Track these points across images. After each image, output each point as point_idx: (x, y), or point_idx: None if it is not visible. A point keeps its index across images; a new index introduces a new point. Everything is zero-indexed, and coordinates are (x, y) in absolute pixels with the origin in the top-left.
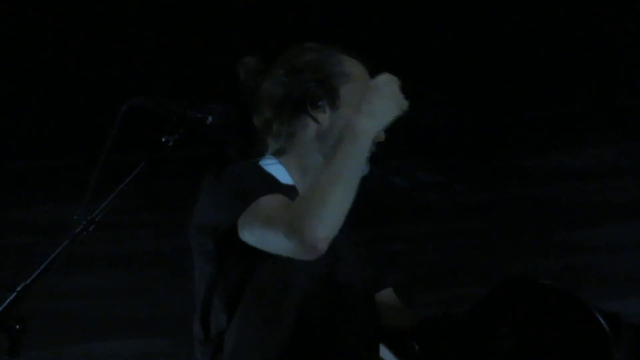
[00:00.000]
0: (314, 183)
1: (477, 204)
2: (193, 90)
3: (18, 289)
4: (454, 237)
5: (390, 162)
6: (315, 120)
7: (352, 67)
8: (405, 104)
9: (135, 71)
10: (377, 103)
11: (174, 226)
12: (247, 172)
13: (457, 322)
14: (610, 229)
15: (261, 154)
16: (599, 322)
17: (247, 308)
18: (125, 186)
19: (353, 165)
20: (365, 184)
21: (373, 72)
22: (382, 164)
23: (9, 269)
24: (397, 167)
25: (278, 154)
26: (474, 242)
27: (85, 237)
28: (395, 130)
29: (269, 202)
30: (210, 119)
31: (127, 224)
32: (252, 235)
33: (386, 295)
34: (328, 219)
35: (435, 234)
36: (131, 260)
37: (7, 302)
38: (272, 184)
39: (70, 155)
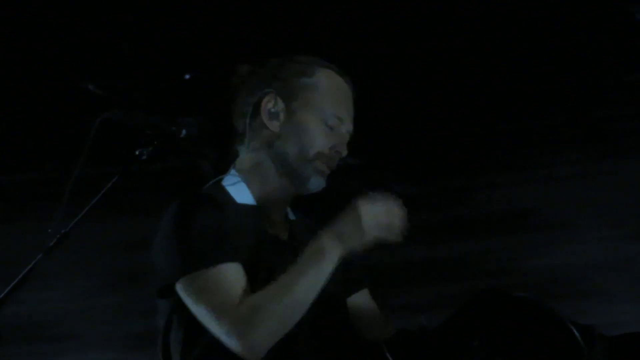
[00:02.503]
0: (266, 293)
1: (453, 215)
2: (168, 104)
3: None
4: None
5: (365, 174)
6: (267, 126)
7: (324, 78)
8: (393, 235)
9: (110, 85)
10: (353, 232)
11: (149, 238)
12: (201, 219)
13: (431, 334)
14: (583, 235)
15: (231, 164)
16: (573, 334)
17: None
18: (99, 199)
19: (310, 284)
20: (340, 194)
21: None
22: (357, 176)
23: None
24: (372, 179)
25: (242, 164)
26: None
27: (59, 251)
28: (367, 140)
29: (216, 279)
30: (184, 132)
31: (100, 236)
32: (190, 304)
33: (361, 298)
34: (271, 332)
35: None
36: (104, 273)
37: None
38: (219, 222)
39: (44, 168)
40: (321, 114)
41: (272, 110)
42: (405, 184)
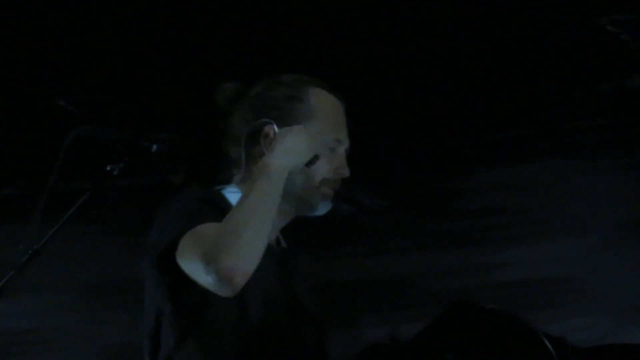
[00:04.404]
0: (228, 217)
1: (421, 226)
2: (140, 119)
3: None
4: (399, 258)
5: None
6: (252, 153)
7: (318, 101)
8: (322, 148)
9: (81, 100)
10: (290, 142)
11: (121, 253)
12: (199, 197)
13: (404, 347)
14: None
15: (226, 183)
16: (546, 347)
17: (196, 335)
18: (71, 215)
19: (266, 200)
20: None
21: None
22: None
23: None
24: (341, 193)
25: (241, 183)
26: (419, 264)
27: (34, 266)
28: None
29: (204, 229)
30: (154, 147)
31: (73, 252)
32: (184, 264)
33: None
34: (243, 252)
35: (378, 256)
36: (76, 288)
37: None
38: (219, 212)
39: (15, 184)
40: (321, 139)
41: (272, 141)
42: (376, 197)
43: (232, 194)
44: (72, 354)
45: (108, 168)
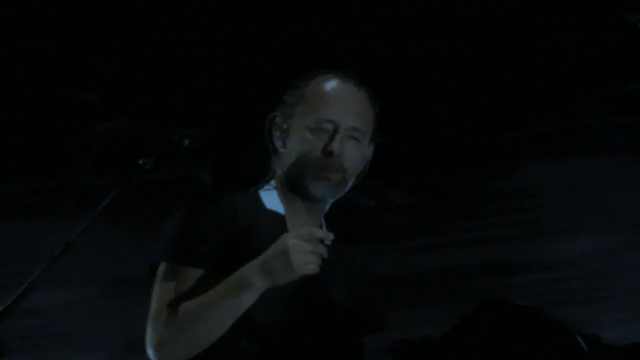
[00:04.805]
0: (187, 309)
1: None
2: (164, 113)
3: None
4: (424, 255)
5: (360, 184)
6: (275, 147)
7: (313, 86)
8: (310, 269)
9: (107, 94)
10: (280, 266)
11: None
12: (200, 216)
13: (435, 344)
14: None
15: (270, 179)
16: (579, 344)
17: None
18: (103, 209)
19: (227, 311)
20: (334, 206)
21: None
22: (352, 186)
23: None
24: (367, 189)
25: (278, 178)
26: (444, 261)
27: (64, 260)
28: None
29: (172, 277)
30: (187, 141)
31: (104, 245)
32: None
33: None
34: (181, 347)
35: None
36: (103, 282)
37: None
38: (201, 249)
39: (43, 178)
40: (308, 122)
41: (277, 133)
42: (404, 193)
43: (265, 192)
44: (98, 345)
45: (140, 162)
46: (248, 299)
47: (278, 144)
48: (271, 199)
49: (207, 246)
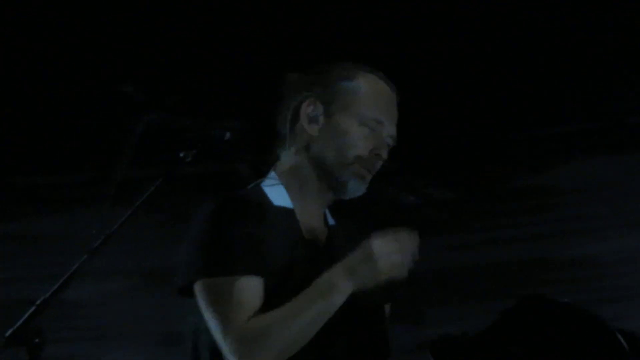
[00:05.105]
0: (274, 316)
1: (487, 220)
2: (204, 107)
3: (37, 302)
4: (464, 251)
5: (400, 179)
6: (306, 130)
7: (365, 82)
8: (403, 273)
9: (148, 87)
10: (366, 270)
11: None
12: (232, 225)
13: (473, 340)
14: (616, 242)
15: (271, 167)
16: (619, 341)
17: None
18: (143, 201)
19: (317, 315)
20: (375, 201)
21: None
22: (392, 181)
23: (24, 282)
24: (407, 184)
25: (282, 168)
26: (484, 257)
27: (102, 251)
28: (405, 147)
29: (231, 290)
30: (227, 135)
31: (143, 238)
32: (202, 308)
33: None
34: (273, 356)
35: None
36: (147, 273)
37: (26, 315)
38: (248, 257)
39: (85, 170)
40: (360, 117)
41: (312, 114)
42: (443, 189)
43: (270, 188)
44: (137, 337)
45: (181, 155)
46: (338, 301)
47: (310, 126)
48: (277, 195)
49: (252, 252)
